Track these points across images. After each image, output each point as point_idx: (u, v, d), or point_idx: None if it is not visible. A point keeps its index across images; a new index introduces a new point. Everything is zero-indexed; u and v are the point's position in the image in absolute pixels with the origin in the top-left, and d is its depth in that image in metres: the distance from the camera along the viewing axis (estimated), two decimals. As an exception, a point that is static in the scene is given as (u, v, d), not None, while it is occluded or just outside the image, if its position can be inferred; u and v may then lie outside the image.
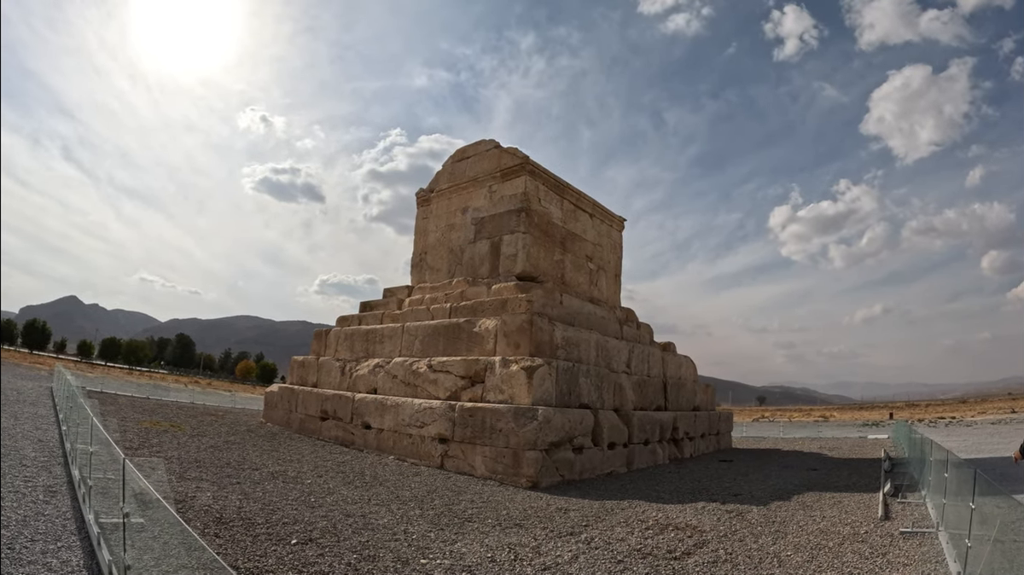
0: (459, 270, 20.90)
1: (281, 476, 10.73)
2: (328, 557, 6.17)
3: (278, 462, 12.33)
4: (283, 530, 7.08)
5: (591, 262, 22.39)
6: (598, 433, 14.58)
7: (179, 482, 9.20)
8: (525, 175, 19.56)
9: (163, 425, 16.37)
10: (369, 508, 8.79)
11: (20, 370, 35.33)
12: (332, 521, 7.76)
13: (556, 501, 10.35)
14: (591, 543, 7.34)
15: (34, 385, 24.89)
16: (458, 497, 10.22)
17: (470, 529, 7.91)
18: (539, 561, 6.49)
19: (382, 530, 7.53)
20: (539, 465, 12.28)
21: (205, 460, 11.65)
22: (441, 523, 8.19)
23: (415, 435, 14.79)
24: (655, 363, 19.90)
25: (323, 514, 8.12)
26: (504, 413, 12.94)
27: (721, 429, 22.80)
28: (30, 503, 6.96)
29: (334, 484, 10.53)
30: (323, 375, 19.76)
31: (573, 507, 9.85)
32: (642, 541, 7.54)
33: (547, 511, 9.41)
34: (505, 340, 15.20)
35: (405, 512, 8.68)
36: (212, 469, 10.72)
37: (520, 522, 8.52)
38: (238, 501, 8.37)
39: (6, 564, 4.81)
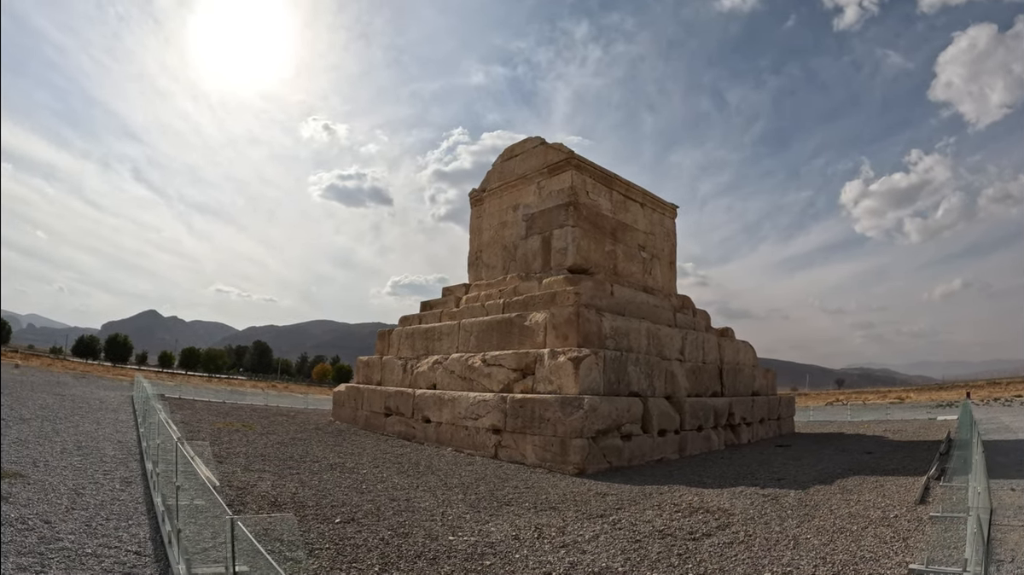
0: (513, 266, 21.52)
1: (339, 467, 11.77)
2: (365, 533, 6.93)
3: (339, 455, 13.46)
4: (330, 511, 7.94)
5: (644, 251, 22.36)
6: (647, 420, 14.79)
7: (243, 473, 10.41)
8: (571, 169, 19.86)
9: (235, 425, 18.12)
10: (415, 494, 9.53)
11: (103, 382, 39.19)
12: (377, 504, 8.57)
13: (597, 486, 10.77)
14: (616, 524, 7.74)
15: (116, 395, 27.68)
16: (503, 484, 10.86)
17: (506, 511, 8.50)
18: (560, 539, 6.98)
19: (422, 512, 8.23)
20: (585, 452, 12.72)
21: (270, 454, 12.91)
22: (480, 506, 8.81)
23: (470, 427, 15.60)
24: (710, 349, 19.69)
25: (370, 499, 8.95)
26: (551, 403, 13.46)
27: (782, 414, 22.16)
28: (107, 491, 8.25)
29: (387, 473, 11.42)
30: (386, 373, 21.01)
31: (612, 492, 10.23)
32: (667, 523, 7.84)
33: (585, 495, 9.86)
34: (554, 332, 15.68)
35: (448, 497, 9.36)
36: (275, 462, 11.92)
37: (555, 505, 9.03)
38: (294, 488, 9.37)
39: (84, 539, 5.88)
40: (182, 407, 22.64)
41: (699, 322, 21.30)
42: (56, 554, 5.38)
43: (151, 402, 11.47)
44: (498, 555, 6.34)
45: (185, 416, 19.51)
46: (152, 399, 12.35)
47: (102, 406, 21.27)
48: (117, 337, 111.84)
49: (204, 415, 20.89)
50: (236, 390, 42.89)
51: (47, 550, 5.47)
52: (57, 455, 10.55)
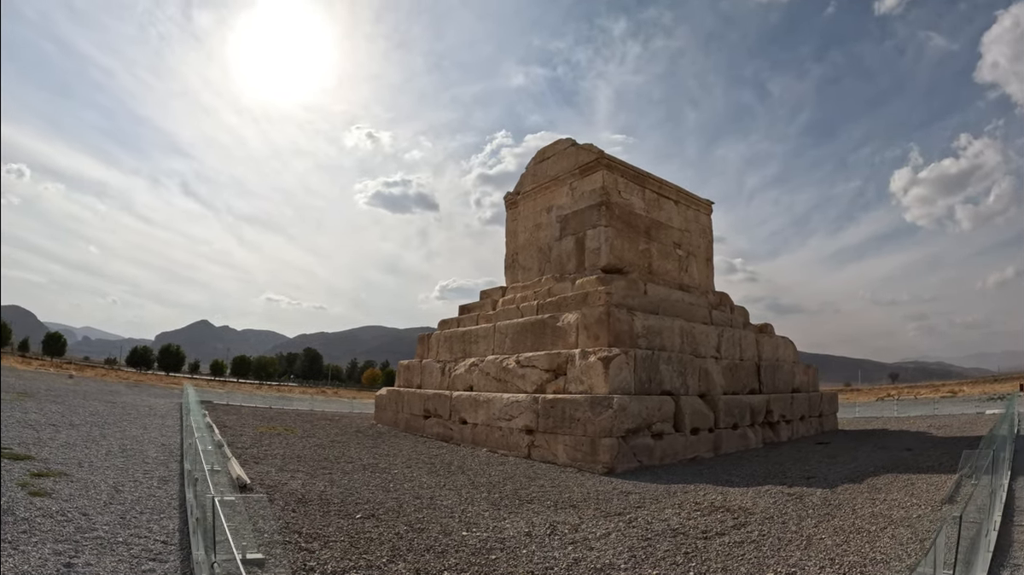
0: (548, 268, 21.75)
1: (372, 468, 12.28)
2: (382, 528, 7.33)
3: (374, 456, 14.03)
4: (353, 508, 8.38)
5: (679, 249, 22.15)
6: (679, 419, 14.74)
7: (277, 473, 11.04)
8: (602, 169, 19.92)
9: (277, 429, 19.05)
10: (440, 492, 9.88)
11: (155, 390, 41.28)
12: (400, 502, 8.96)
13: (624, 485, 10.88)
14: (632, 523, 7.87)
15: (165, 402, 29.17)
16: (530, 483, 11.11)
17: (526, 509, 8.74)
18: (571, 536, 7.17)
19: (443, 509, 8.57)
20: (614, 451, 12.84)
21: (306, 456, 13.55)
22: (501, 504, 9.07)
23: (504, 428, 15.94)
24: (748, 346, 19.34)
25: (395, 496, 9.35)
26: (581, 403, 13.64)
27: (824, 410, 21.46)
28: (144, 488, 8.95)
29: (418, 473, 11.83)
30: (426, 376, 21.62)
31: (637, 490, 10.33)
32: (683, 522, 7.92)
33: (608, 494, 10.00)
34: (585, 333, 15.84)
35: (472, 495, 9.67)
36: (310, 463, 12.53)
37: (576, 503, 9.23)
38: (323, 487, 9.88)
39: (117, 529, 6.53)
40: (228, 413, 23.90)
41: (736, 319, 20.94)
42: (90, 542, 5.98)
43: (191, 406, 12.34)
44: (506, 550, 6.61)
45: (230, 421, 20.65)
46: (192, 404, 13.21)
47: (151, 412, 22.48)
48: (170, 347, 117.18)
49: (249, 420, 22.03)
50: (284, 396, 44.78)
51: (82, 538, 6.08)
52: (102, 456, 11.41)
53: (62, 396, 25.55)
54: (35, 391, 26.52)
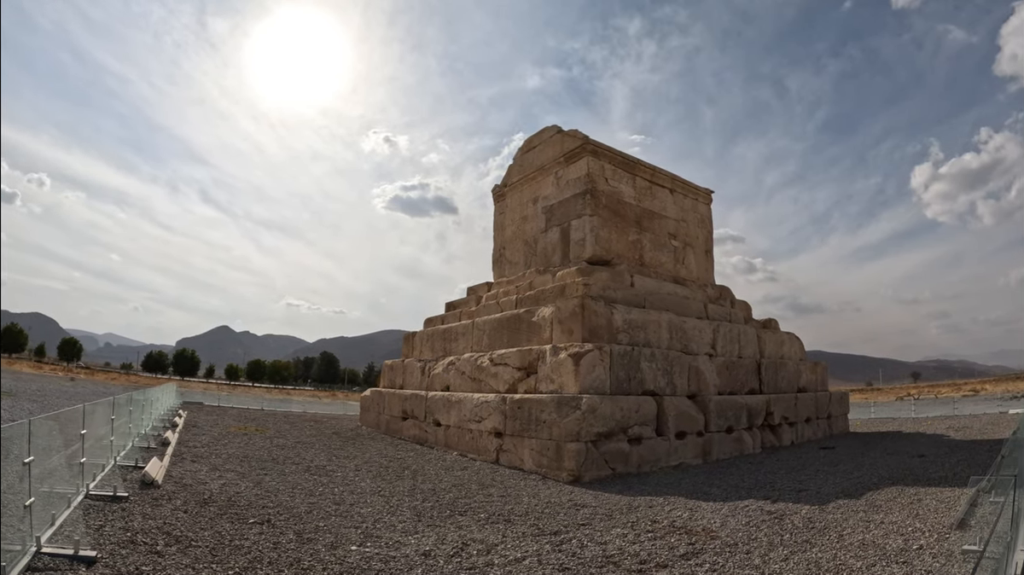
0: (534, 261, 20.51)
1: (318, 470, 11.28)
2: (264, 535, 6.45)
3: (329, 459, 12.98)
4: (255, 512, 7.50)
5: (675, 239, 20.70)
6: (662, 422, 13.33)
7: (208, 472, 10.21)
8: (587, 156, 18.64)
9: (249, 429, 18.18)
10: (369, 499, 8.89)
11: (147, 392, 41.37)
12: (314, 507, 8.02)
13: (582, 497, 9.57)
14: (561, 545, 6.56)
15: None
16: (480, 491, 9.92)
17: (451, 523, 7.58)
18: (476, 559, 5.95)
19: (354, 518, 7.59)
20: (581, 458, 11.50)
21: (256, 456, 12.66)
22: (427, 515, 8.00)
23: (474, 430, 14.71)
24: (748, 343, 17.79)
25: (313, 502, 8.38)
26: (547, 403, 12.35)
27: (833, 412, 19.72)
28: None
29: (362, 478, 10.81)
30: (407, 376, 20.50)
31: (593, 504, 9.02)
32: (625, 547, 6.57)
33: (557, 508, 8.71)
34: (560, 327, 14.54)
35: (401, 503, 8.65)
36: (254, 463, 11.62)
37: (513, 518, 7.97)
38: (244, 488, 9.02)
39: None
40: (212, 413, 23.20)
41: (737, 314, 19.39)
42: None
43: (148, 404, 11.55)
44: (388, 570, 5.46)
45: (207, 421, 19.88)
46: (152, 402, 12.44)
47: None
48: (185, 352, 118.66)
49: (229, 420, 21.26)
50: (285, 398, 44.27)
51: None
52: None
53: (45, 397, 25.08)
54: (22, 391, 26.12)
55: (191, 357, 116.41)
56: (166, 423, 17.97)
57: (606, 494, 9.86)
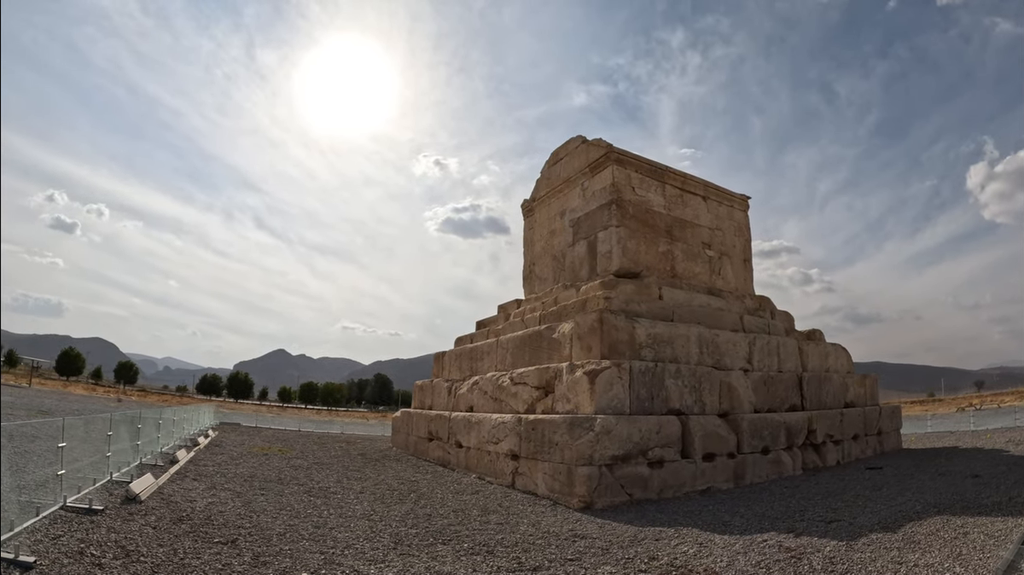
0: (562, 276, 19.97)
1: (320, 492, 11.11)
2: (222, 556, 6.41)
3: (340, 481, 12.80)
4: (224, 532, 7.42)
5: (709, 249, 19.66)
6: (688, 443, 12.40)
7: (204, 490, 10.36)
8: (611, 165, 18.04)
9: (272, 450, 18.36)
10: (354, 523, 8.60)
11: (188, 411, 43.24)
12: (288, 529, 7.85)
13: (587, 527, 8.89)
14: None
15: None
16: (479, 518, 9.41)
17: (428, 552, 7.13)
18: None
19: (327, 542, 7.34)
20: (593, 483, 10.77)
21: (264, 476, 12.66)
22: (406, 542, 7.61)
23: (492, 452, 14.21)
24: (788, 356, 16.49)
25: (293, 524, 8.23)
26: (559, 424, 11.71)
27: (883, 427, 17.89)
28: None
29: (361, 500, 10.56)
30: (435, 397, 20.24)
31: (595, 535, 8.32)
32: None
33: (552, 539, 8.08)
34: (579, 344, 13.90)
35: (387, 529, 8.30)
36: (256, 483, 11.61)
37: (496, 549, 7.41)
38: (228, 507, 9.01)
39: None
40: (243, 433, 23.69)
41: (777, 325, 18.09)
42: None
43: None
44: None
45: (238, 440, 20.27)
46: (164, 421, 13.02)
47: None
48: (238, 375, 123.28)
49: (257, 440, 21.62)
50: (328, 420, 45.05)
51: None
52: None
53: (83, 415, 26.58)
54: (60, 410, 27.61)
55: (244, 380, 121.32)
56: (188, 442, 18.40)
57: (614, 524, 9.13)
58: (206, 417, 26.05)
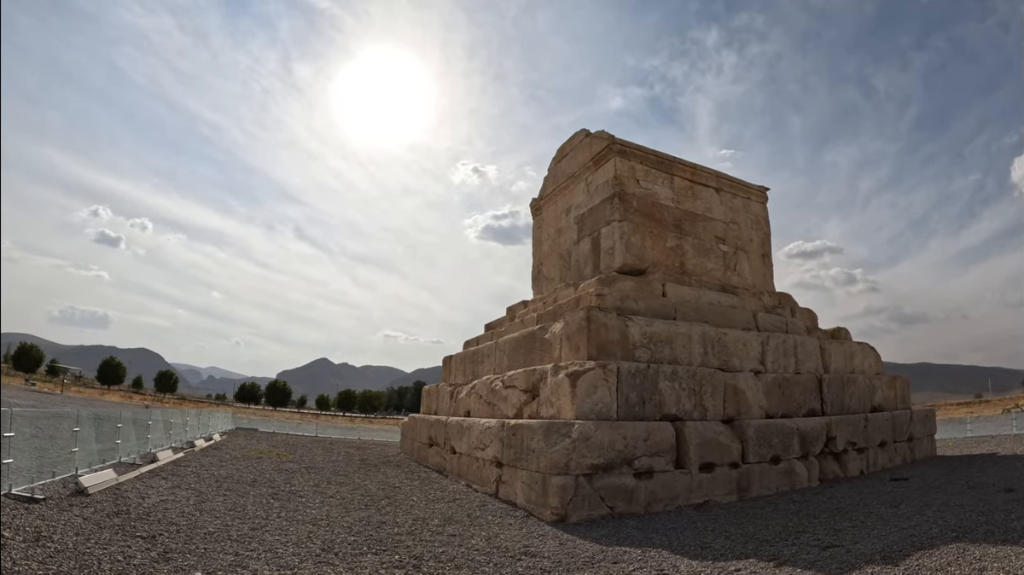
0: (568, 275, 19.14)
1: (288, 495, 10.90)
2: (131, 549, 6.51)
3: (318, 485, 12.56)
4: (151, 527, 7.54)
5: (723, 243, 18.41)
6: (683, 451, 11.37)
7: (170, 488, 10.57)
8: (614, 157, 17.13)
9: (270, 454, 18.29)
10: (295, 527, 8.27)
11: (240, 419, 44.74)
12: (221, 529, 7.79)
13: (546, 544, 8.04)
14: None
15: None
16: (439, 528, 8.80)
17: (347, 562, 6.68)
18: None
19: (251, 544, 7.18)
20: (568, 494, 9.89)
21: (239, 478, 12.60)
22: (336, 550, 7.19)
23: (479, 458, 13.50)
24: (808, 356, 15.09)
25: (231, 524, 8.15)
26: (536, 430, 10.88)
27: (915, 433, 16.10)
28: None
29: (322, 505, 10.27)
30: (439, 402, 19.72)
31: (549, 554, 7.48)
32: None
33: (499, 555, 7.29)
34: (568, 344, 13.05)
35: (327, 535, 7.92)
36: (226, 484, 11.60)
37: (426, 564, 6.72)
38: (177, 505, 9.16)
39: None
40: (251, 438, 23.79)
41: (796, 323, 16.66)
42: None
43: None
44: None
45: (241, 444, 20.39)
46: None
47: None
48: (277, 383, 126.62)
49: (262, 445, 21.74)
50: (353, 427, 45.40)
51: None
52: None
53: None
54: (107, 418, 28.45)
55: (283, 388, 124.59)
56: (186, 444, 18.49)
57: (579, 541, 8.25)
58: (219, 422, 26.32)
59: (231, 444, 21.07)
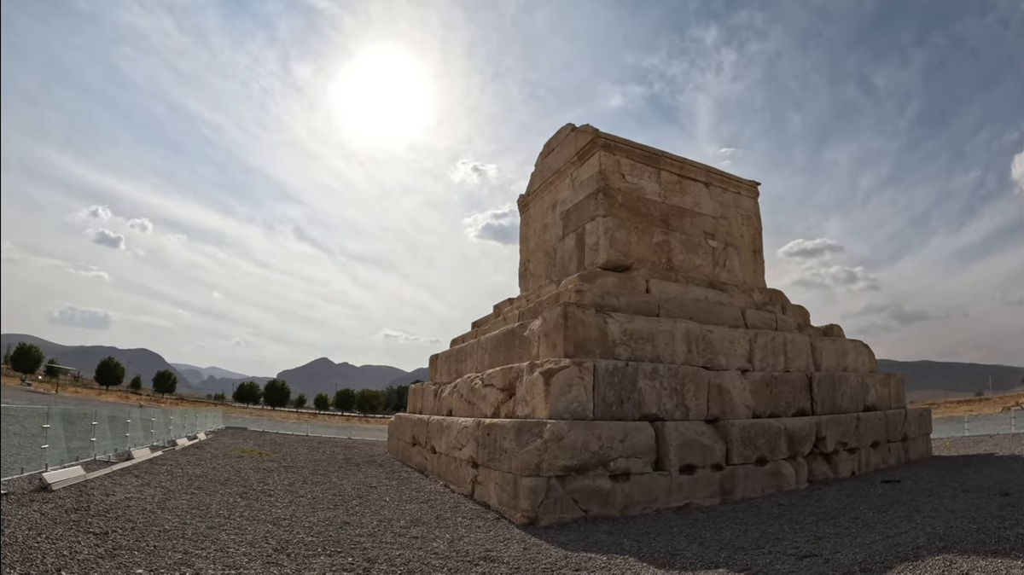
0: (553, 272, 18.78)
1: (258, 494, 10.78)
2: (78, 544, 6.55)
3: (291, 484, 12.38)
4: (107, 524, 7.54)
5: (712, 239, 18.02)
6: (663, 452, 11.00)
7: (139, 486, 10.57)
8: (599, 151, 16.76)
9: (252, 452, 18.07)
10: (253, 526, 8.09)
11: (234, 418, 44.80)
12: (177, 526, 7.79)
13: (507, 549, 7.67)
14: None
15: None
16: (403, 529, 8.52)
17: (294, 563, 6.45)
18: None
19: (204, 543, 7.06)
20: (538, 496, 9.53)
21: (212, 477, 12.50)
22: (288, 550, 6.97)
23: (456, 458, 13.16)
24: (797, 354, 14.70)
25: (187, 522, 8.10)
26: (508, 430, 10.53)
27: (909, 433, 15.70)
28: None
29: (290, 504, 10.11)
30: (424, 401, 19.40)
31: (509, 560, 7.10)
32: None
33: (451, 561, 6.94)
34: (545, 341, 12.69)
35: (284, 535, 7.71)
36: (198, 483, 11.55)
37: (377, 568, 6.43)
38: (140, 502, 9.10)
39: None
40: (237, 436, 23.59)
41: (788, 321, 16.27)
42: None
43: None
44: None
45: (226, 443, 20.26)
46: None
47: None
48: (275, 383, 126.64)
49: (248, 444, 21.51)
50: (346, 426, 45.21)
51: None
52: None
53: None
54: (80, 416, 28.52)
55: (281, 388, 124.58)
56: (167, 442, 18.23)
57: (545, 546, 7.89)
58: (207, 421, 26.03)
59: (215, 443, 20.80)
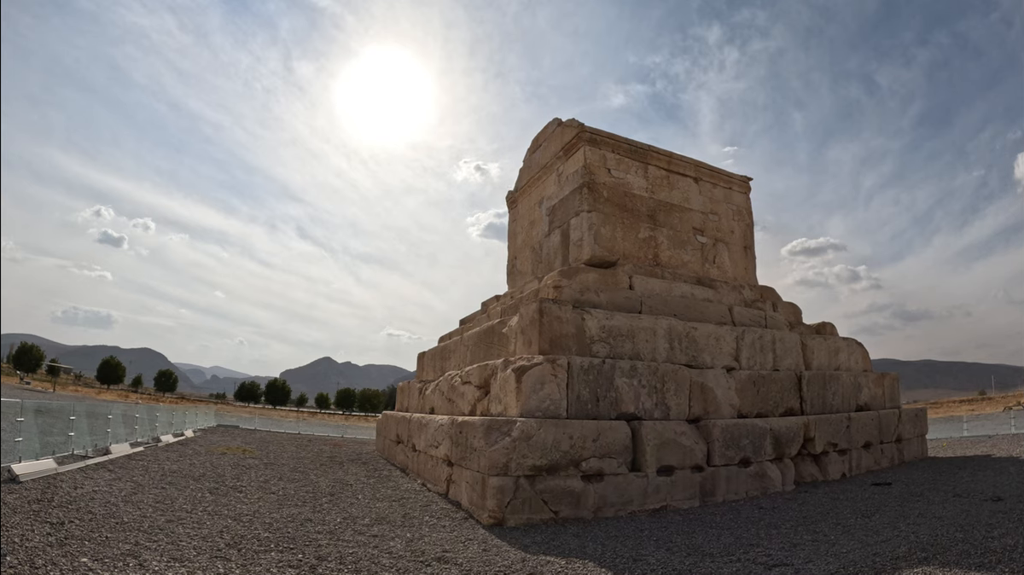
0: (539, 268, 18.50)
1: (225, 490, 10.69)
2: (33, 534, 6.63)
3: (267, 481, 12.26)
4: (65, 515, 7.63)
5: (702, 235, 17.69)
6: (639, 452, 10.70)
7: (111, 479, 10.64)
8: (584, 145, 16.48)
9: (236, 450, 18.10)
10: (214, 521, 8.05)
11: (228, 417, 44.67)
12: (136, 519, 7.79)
13: (464, 550, 7.40)
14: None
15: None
16: (365, 528, 8.32)
17: (245, 559, 6.24)
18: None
19: (158, 536, 7.05)
20: (506, 496, 9.26)
21: (188, 473, 12.52)
22: (241, 546, 6.82)
23: (433, 456, 12.94)
24: (786, 352, 14.35)
25: (146, 516, 8.06)
26: (478, 428, 10.26)
27: (904, 434, 15.31)
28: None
29: (258, 500, 10.03)
30: (410, 398, 19.19)
31: (462, 561, 6.83)
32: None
33: (403, 561, 6.69)
34: (522, 338, 12.43)
35: (239, 531, 7.58)
36: (172, 478, 11.57)
37: (324, 566, 6.21)
38: (106, 496, 9.08)
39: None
40: (225, 434, 23.48)
41: (778, 318, 15.92)
42: None
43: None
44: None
45: (214, 440, 20.24)
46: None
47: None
48: (276, 382, 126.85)
49: (235, 441, 21.37)
50: (342, 425, 45.13)
51: None
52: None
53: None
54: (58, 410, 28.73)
55: (282, 387, 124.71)
56: (150, 439, 18.15)
57: (507, 548, 7.61)
58: (199, 418, 25.89)
59: (202, 440, 20.67)
